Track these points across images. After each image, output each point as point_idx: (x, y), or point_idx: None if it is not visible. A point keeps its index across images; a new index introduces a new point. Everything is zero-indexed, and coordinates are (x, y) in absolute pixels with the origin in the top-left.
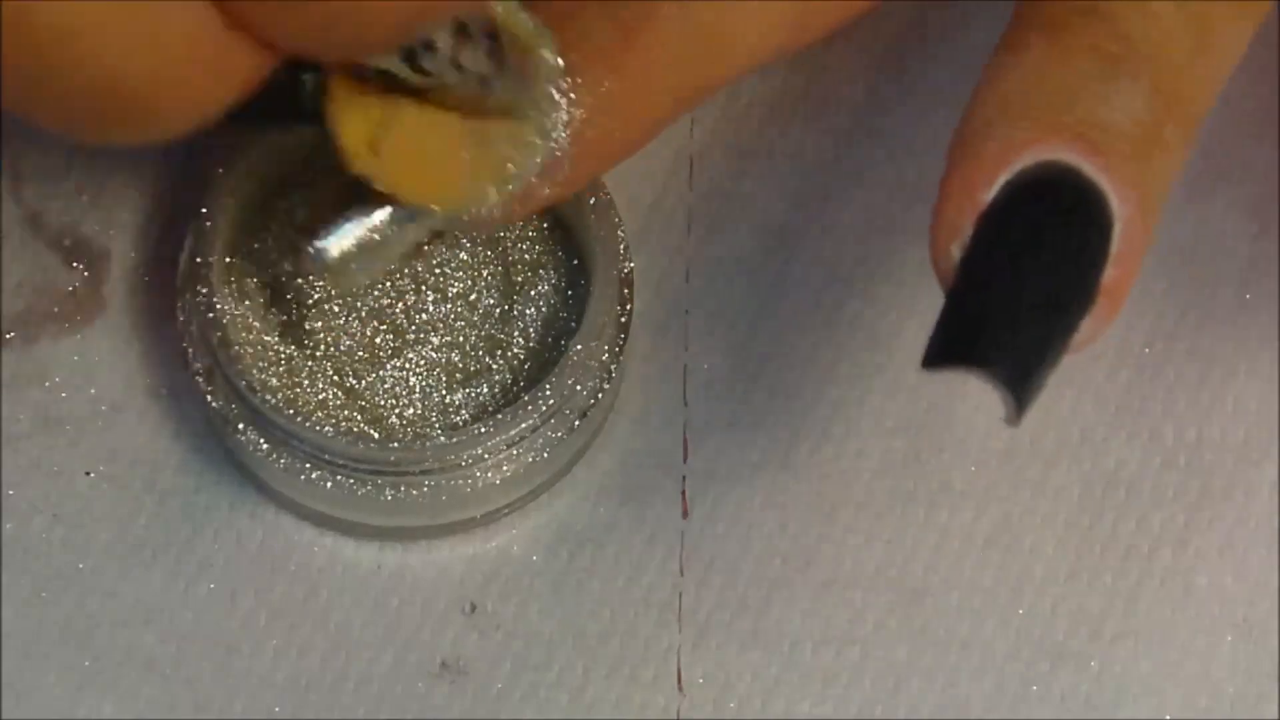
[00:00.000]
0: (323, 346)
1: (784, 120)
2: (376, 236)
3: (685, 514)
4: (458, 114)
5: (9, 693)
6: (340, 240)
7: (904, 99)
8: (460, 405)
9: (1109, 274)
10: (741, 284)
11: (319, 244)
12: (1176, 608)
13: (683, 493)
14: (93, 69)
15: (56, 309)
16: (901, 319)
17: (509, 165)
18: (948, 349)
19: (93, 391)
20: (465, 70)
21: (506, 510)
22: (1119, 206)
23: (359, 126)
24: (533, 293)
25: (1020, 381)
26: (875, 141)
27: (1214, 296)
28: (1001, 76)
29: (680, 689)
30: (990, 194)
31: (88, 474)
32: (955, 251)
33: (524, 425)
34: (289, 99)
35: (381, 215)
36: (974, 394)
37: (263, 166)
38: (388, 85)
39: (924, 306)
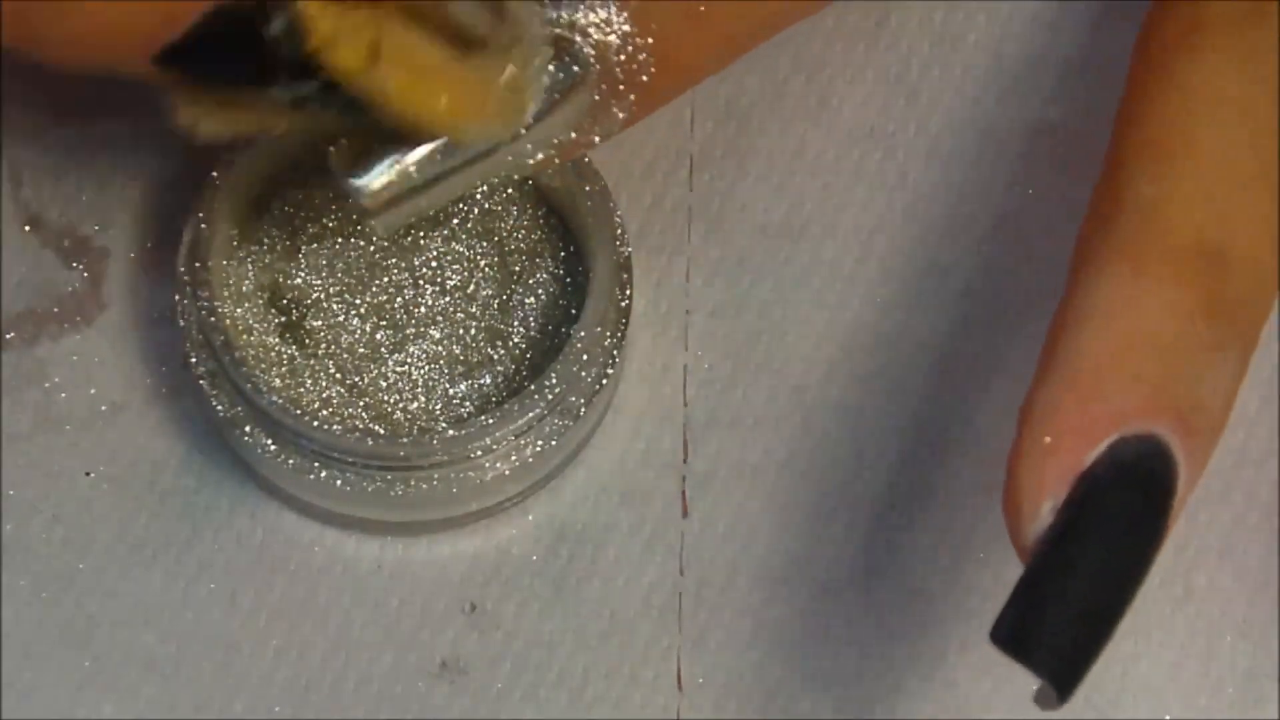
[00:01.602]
0: (324, 345)
1: (784, 120)
2: (415, 172)
3: (685, 514)
4: (444, 27)
5: (9, 693)
6: (378, 176)
7: (904, 99)
8: (464, 397)
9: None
10: (741, 284)
11: (358, 182)
12: (1176, 608)
13: (683, 493)
14: None
15: (56, 309)
16: (902, 319)
17: (515, 77)
18: (1017, 639)
19: (93, 391)
20: None
21: (516, 500)
22: (1184, 487)
23: (351, 38)
24: (531, 281)
25: (1067, 676)
26: (875, 141)
27: None
28: (1110, 318)
29: (680, 689)
30: (1097, 453)
31: (88, 474)
32: (1046, 514)
33: (531, 415)
34: (258, 56)
35: (421, 151)
36: (974, 394)
37: (260, 168)
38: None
39: (924, 307)
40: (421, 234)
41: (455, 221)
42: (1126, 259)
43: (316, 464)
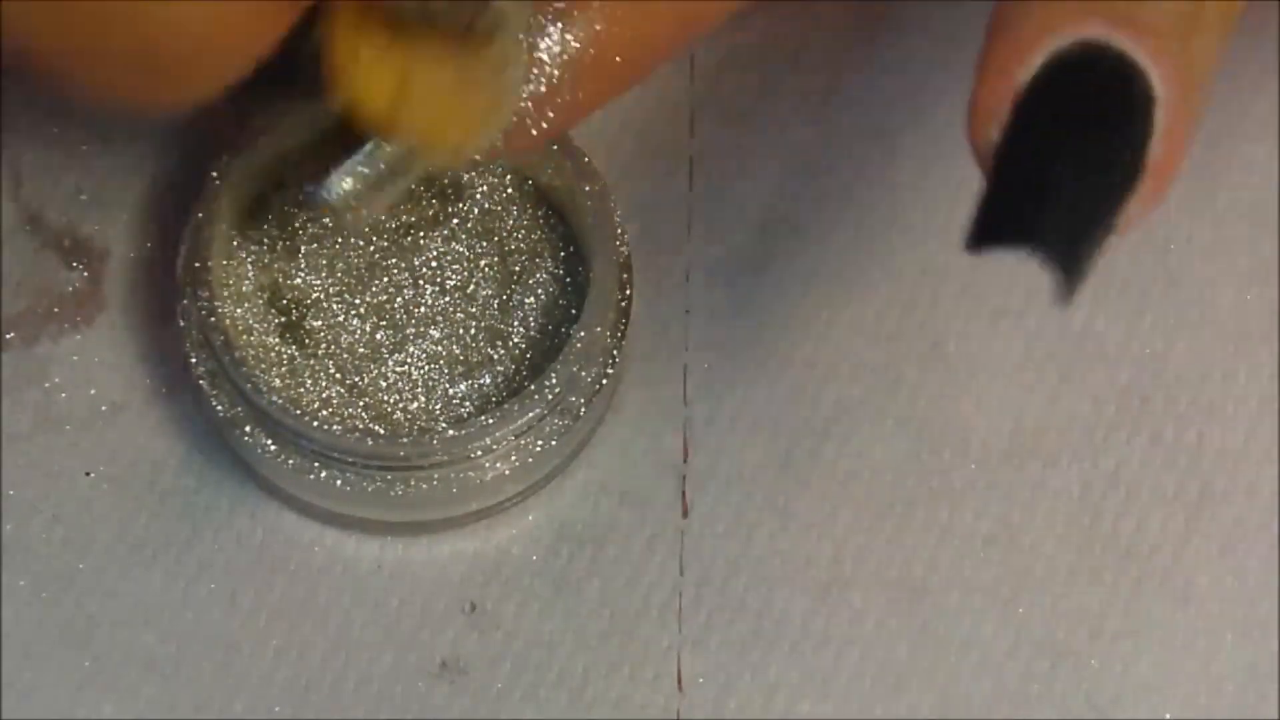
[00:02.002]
0: (323, 345)
1: (784, 120)
2: (374, 170)
3: (685, 514)
4: (453, 54)
5: (9, 693)
6: (343, 178)
7: (904, 98)
8: (464, 397)
9: (1154, 152)
10: (741, 284)
11: (322, 185)
12: (1176, 608)
13: (683, 493)
14: (141, 28)
15: (56, 309)
16: (902, 318)
17: (500, 98)
18: (993, 229)
19: (93, 391)
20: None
21: (516, 500)
22: (1160, 86)
23: (375, 76)
24: (531, 281)
25: (1069, 257)
26: (875, 142)
27: (1214, 299)
28: None
29: (680, 689)
30: (1027, 74)
31: (88, 474)
32: (993, 133)
33: (531, 414)
34: (288, 67)
35: (384, 149)
36: (974, 394)
37: (260, 168)
38: (391, 33)
39: (924, 307)
40: (421, 234)
41: (455, 221)
42: None
43: (316, 464)
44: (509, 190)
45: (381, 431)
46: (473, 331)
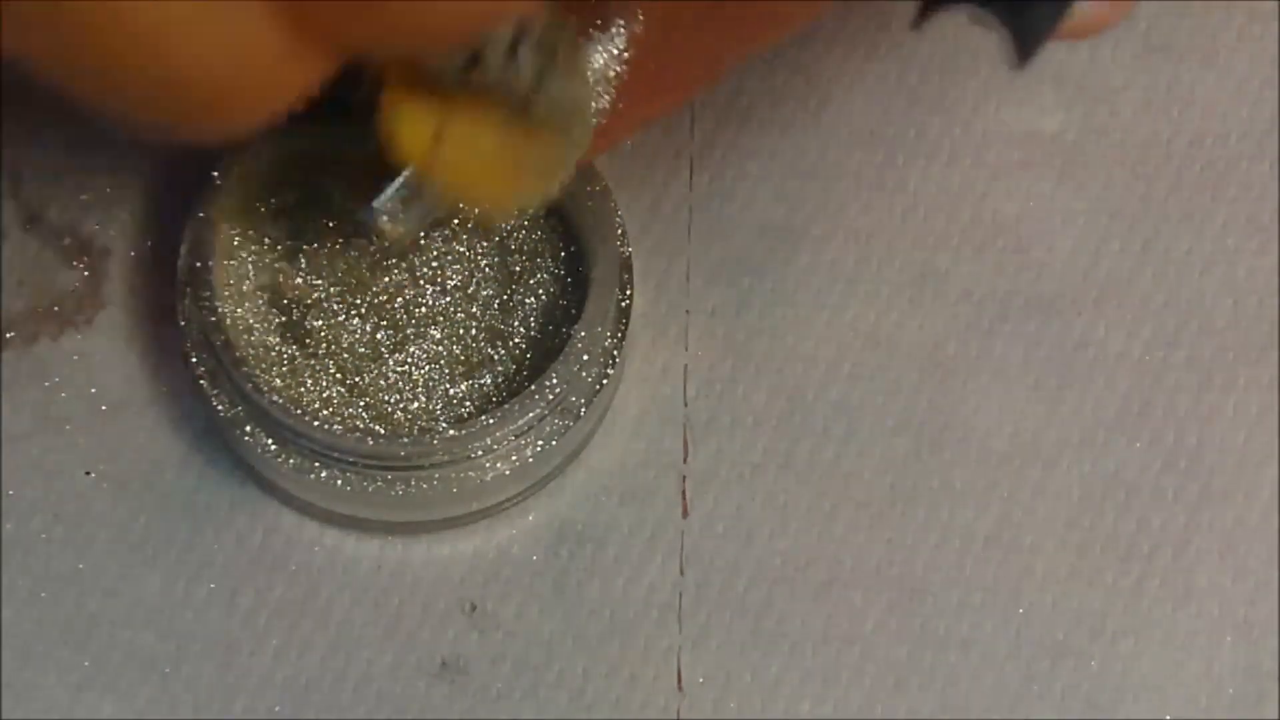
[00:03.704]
0: (324, 345)
1: (784, 120)
2: (419, 192)
3: (685, 514)
4: (502, 116)
5: (9, 693)
6: (392, 198)
7: (904, 102)
8: (464, 397)
9: None
10: (741, 284)
11: (375, 205)
12: (1176, 608)
13: (683, 493)
14: (172, 68)
15: (56, 309)
16: (902, 319)
17: (552, 163)
18: None
19: (93, 391)
20: (517, 73)
21: (516, 500)
22: None
23: (416, 128)
24: (532, 281)
25: (1018, 17)
26: (875, 144)
27: (1214, 306)
28: None
29: (680, 689)
30: None
31: (88, 474)
32: None
33: (531, 415)
34: (337, 98)
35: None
36: (974, 394)
37: (260, 168)
38: (438, 89)
39: (923, 308)
40: (421, 234)
41: (455, 221)
42: None
43: (316, 464)
44: None
45: (382, 431)
46: (473, 331)
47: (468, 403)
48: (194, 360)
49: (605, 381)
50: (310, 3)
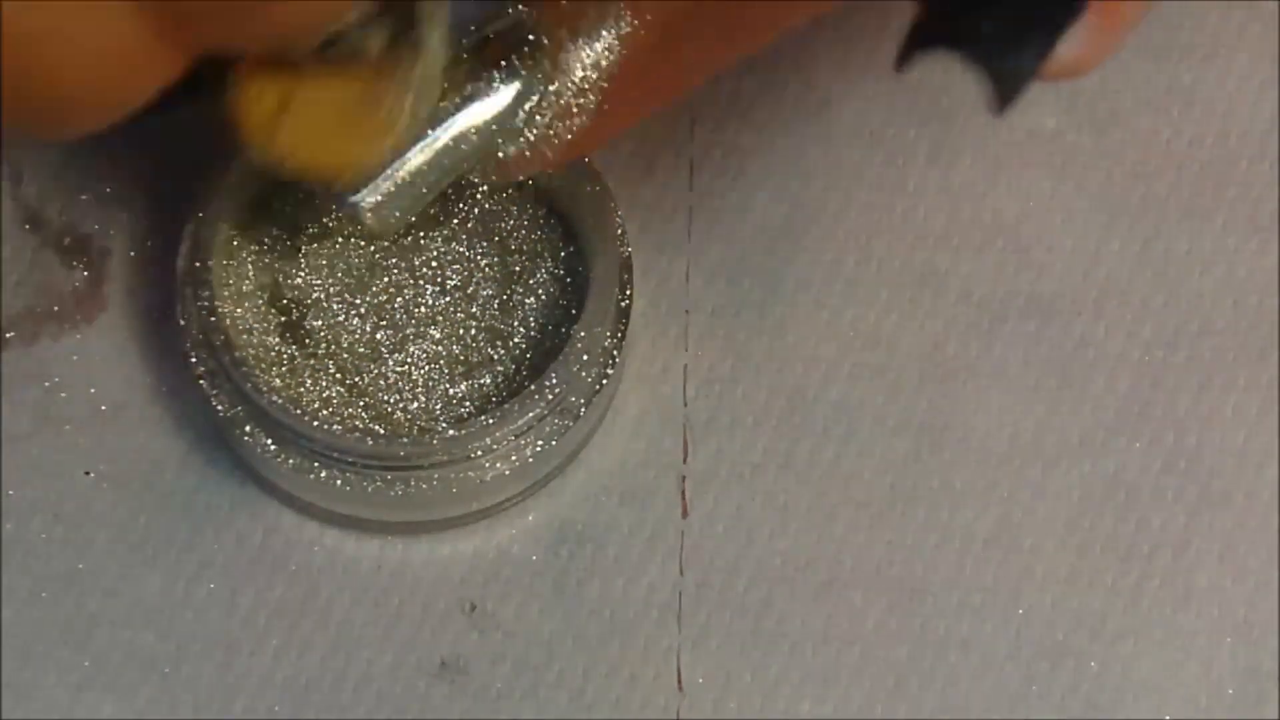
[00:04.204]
0: (324, 345)
1: (784, 121)
2: (409, 181)
3: (685, 514)
4: (348, 75)
5: (9, 693)
6: (373, 190)
7: (904, 102)
8: (464, 397)
9: None
10: (741, 284)
11: (353, 198)
12: (1176, 608)
13: (683, 493)
14: (39, 65)
15: (56, 309)
16: (901, 319)
17: (393, 115)
18: (926, 37)
19: (93, 391)
20: (372, 36)
21: (516, 500)
22: None
23: (260, 101)
24: (531, 281)
25: (1000, 62)
26: (875, 144)
27: (1214, 306)
28: None
29: (680, 689)
30: None
31: (88, 474)
32: None
33: (530, 415)
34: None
35: (414, 160)
36: (974, 394)
37: (259, 168)
38: (287, 61)
39: (923, 308)
40: (421, 234)
41: (455, 221)
42: None
43: (316, 464)
44: (509, 190)
45: (381, 431)
46: (473, 331)
47: (467, 403)
48: (194, 360)
49: (605, 381)
50: (174, 2)
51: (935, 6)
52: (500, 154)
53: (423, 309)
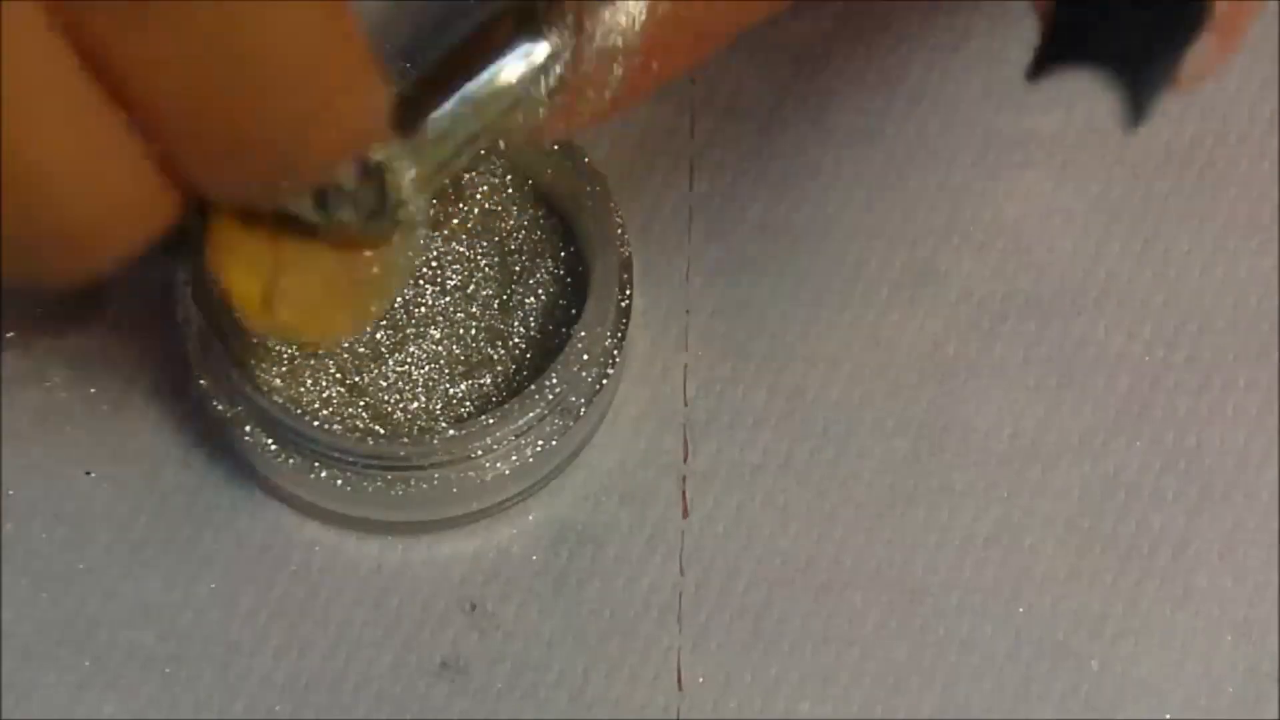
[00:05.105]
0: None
1: (784, 121)
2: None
3: (685, 514)
4: (332, 247)
5: (9, 693)
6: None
7: (904, 102)
8: (464, 397)
9: (1221, 5)
10: (741, 284)
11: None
12: (1176, 608)
13: (683, 493)
14: (47, 212)
15: (56, 309)
16: (901, 319)
17: (385, 278)
18: (1058, 51)
19: (93, 391)
20: (358, 207)
21: (516, 500)
22: None
23: (247, 279)
24: (531, 281)
25: (1133, 78)
26: (875, 144)
27: (1214, 306)
28: None
29: (680, 689)
30: None
31: (88, 474)
32: None
33: (530, 415)
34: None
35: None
36: (974, 394)
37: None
38: (271, 225)
39: (923, 308)
40: (421, 234)
41: (455, 221)
42: None
43: (316, 464)
44: (509, 190)
45: (381, 431)
46: (473, 331)
47: (468, 403)
48: (194, 360)
49: (605, 381)
50: (180, 149)
51: (1065, 18)
52: (530, 117)
53: (423, 309)
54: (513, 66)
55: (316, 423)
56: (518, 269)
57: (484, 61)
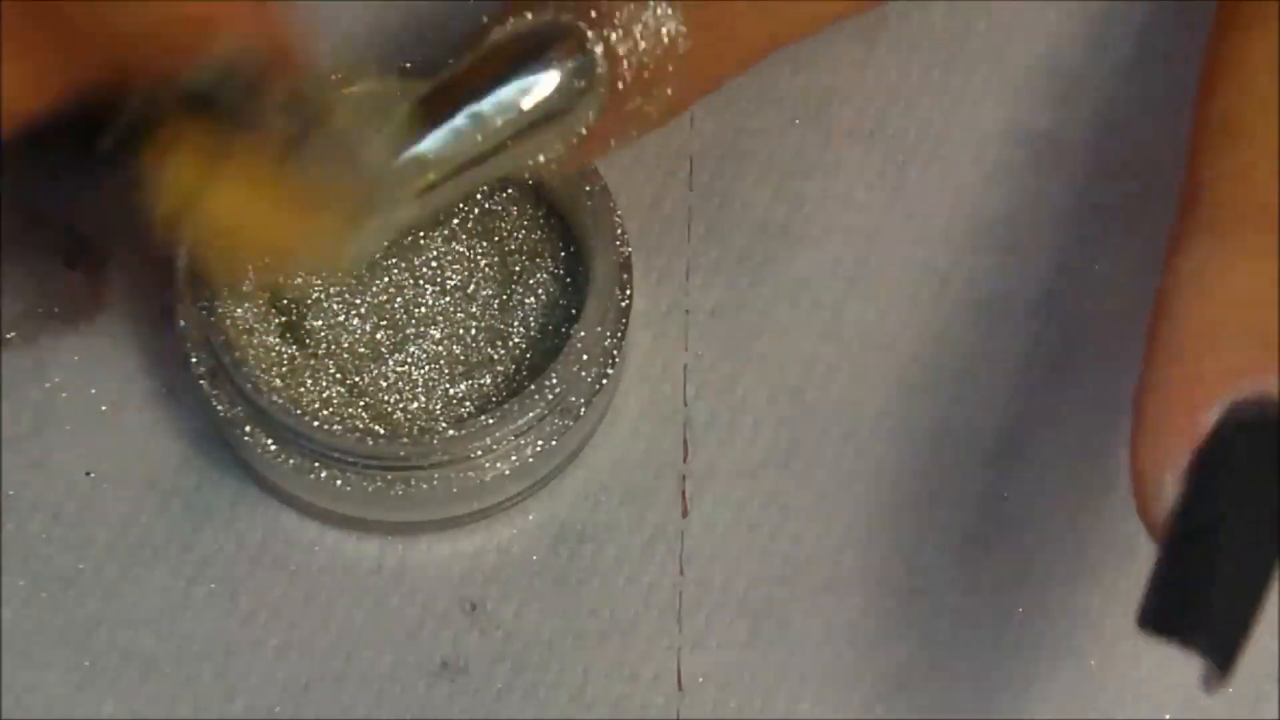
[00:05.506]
0: (324, 345)
1: (784, 120)
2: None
3: (685, 514)
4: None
5: (9, 693)
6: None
7: (904, 102)
8: (464, 397)
9: None
10: (741, 284)
11: None
12: None
13: (683, 493)
14: None
15: (56, 309)
16: (902, 319)
17: (339, 226)
18: (1164, 619)
19: (93, 391)
20: (285, 120)
21: (516, 500)
22: None
23: (179, 174)
24: (531, 281)
25: (1227, 651)
26: (875, 143)
27: None
28: (1203, 288)
29: (680, 689)
30: (1212, 416)
31: (88, 474)
32: (1170, 486)
33: (530, 415)
34: (96, 142)
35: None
36: (974, 394)
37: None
38: (207, 146)
39: (923, 308)
40: (421, 234)
41: (455, 221)
42: (1212, 231)
43: (316, 464)
44: (509, 190)
45: (381, 431)
46: (473, 331)
47: (467, 403)
48: (194, 360)
49: (605, 381)
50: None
51: (1172, 566)
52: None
53: (423, 309)
54: (532, 87)
55: (316, 423)
56: (518, 269)
57: (498, 80)
